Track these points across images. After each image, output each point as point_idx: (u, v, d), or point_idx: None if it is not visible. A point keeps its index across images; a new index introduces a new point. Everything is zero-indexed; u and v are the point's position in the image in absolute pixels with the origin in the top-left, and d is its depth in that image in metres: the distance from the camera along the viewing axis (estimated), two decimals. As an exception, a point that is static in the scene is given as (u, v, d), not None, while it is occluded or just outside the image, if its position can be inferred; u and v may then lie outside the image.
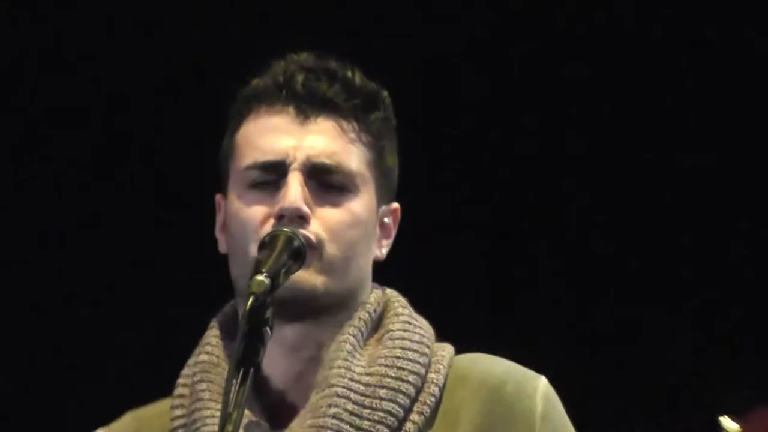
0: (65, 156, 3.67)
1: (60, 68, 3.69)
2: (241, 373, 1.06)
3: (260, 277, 1.09)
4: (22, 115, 3.73)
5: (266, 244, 1.15)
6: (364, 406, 1.17)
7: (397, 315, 1.25)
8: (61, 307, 3.46)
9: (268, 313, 1.09)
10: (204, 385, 1.22)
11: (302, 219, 1.17)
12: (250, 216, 1.20)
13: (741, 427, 1.33)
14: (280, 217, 1.18)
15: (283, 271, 1.12)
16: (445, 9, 3.43)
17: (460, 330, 1.28)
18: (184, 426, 1.22)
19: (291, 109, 1.22)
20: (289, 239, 1.14)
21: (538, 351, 1.73)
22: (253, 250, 1.17)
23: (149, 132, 3.65)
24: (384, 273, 1.31)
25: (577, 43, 3.42)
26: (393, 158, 1.28)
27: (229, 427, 1.02)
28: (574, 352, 3.11)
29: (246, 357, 1.07)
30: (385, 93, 1.28)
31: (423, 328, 1.25)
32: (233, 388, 1.05)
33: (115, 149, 3.64)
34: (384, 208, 1.27)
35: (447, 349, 1.25)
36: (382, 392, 1.18)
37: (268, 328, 1.09)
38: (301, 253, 1.15)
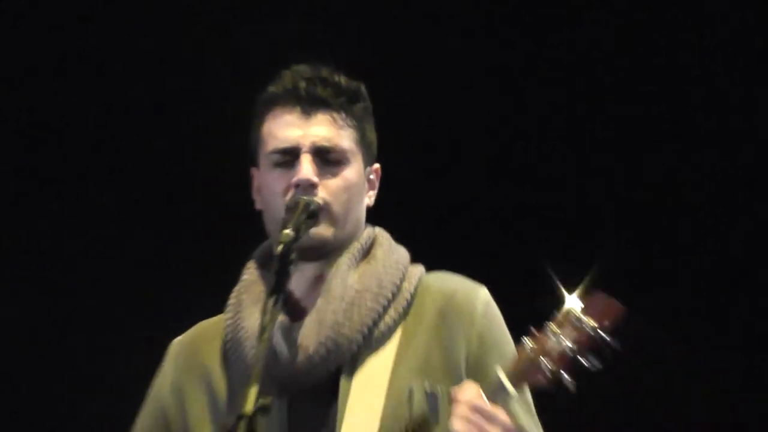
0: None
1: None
2: (273, 297, 1.59)
3: (287, 231, 1.62)
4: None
5: (290, 208, 1.66)
6: (353, 304, 1.70)
7: (380, 245, 1.77)
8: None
9: (293, 256, 1.61)
10: (245, 296, 1.78)
11: (312, 186, 1.69)
12: (276, 187, 1.72)
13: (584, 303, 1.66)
14: (297, 186, 1.69)
15: (303, 226, 1.64)
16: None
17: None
18: (232, 325, 1.76)
19: (298, 109, 1.72)
20: (307, 204, 1.66)
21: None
22: (281, 211, 1.68)
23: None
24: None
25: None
26: (372, 134, 1.78)
27: (267, 328, 1.57)
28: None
29: (278, 285, 1.60)
30: (363, 87, 1.76)
31: (400, 253, 1.78)
32: (269, 306, 1.58)
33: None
34: (368, 168, 1.78)
35: (418, 268, 1.78)
36: (368, 296, 1.71)
37: (291, 267, 1.61)
38: (315, 213, 1.67)
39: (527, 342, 1.59)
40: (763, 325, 3.36)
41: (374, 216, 1.82)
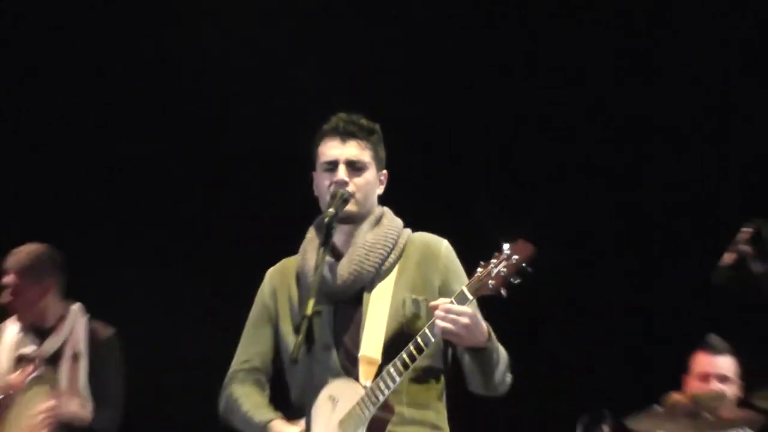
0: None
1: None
2: (323, 247, 2.83)
3: (330, 210, 2.84)
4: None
5: (333, 196, 2.88)
6: (370, 251, 2.90)
7: (386, 217, 2.99)
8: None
9: (334, 224, 2.84)
10: (308, 246, 2.99)
11: (345, 183, 2.89)
12: (325, 183, 2.93)
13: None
14: (336, 183, 2.89)
15: (340, 207, 2.85)
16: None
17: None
18: (301, 262, 2.98)
19: (338, 138, 2.93)
20: (342, 194, 2.87)
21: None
22: (327, 197, 2.91)
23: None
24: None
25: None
26: (382, 152, 2.99)
27: (320, 265, 2.78)
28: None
29: (326, 240, 2.83)
30: (377, 126, 2.97)
31: (397, 222, 3.00)
32: (320, 252, 2.81)
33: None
34: (379, 173, 2.99)
35: (407, 230, 3.00)
36: (378, 246, 2.91)
37: (333, 230, 2.85)
38: (347, 200, 2.88)
39: (480, 270, 2.72)
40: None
41: (383, 201, 3.05)
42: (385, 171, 3.01)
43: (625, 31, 5.45)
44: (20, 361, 4.20)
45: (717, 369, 4.29)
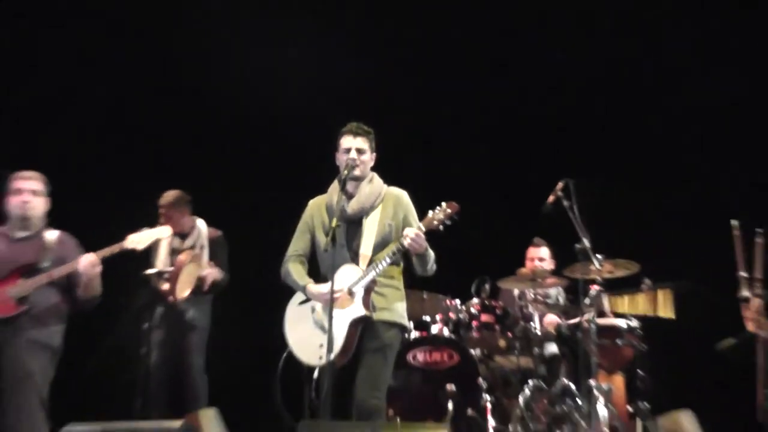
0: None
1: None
2: (340, 192, 5.40)
3: (345, 172, 5.39)
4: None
5: (346, 165, 5.41)
6: (368, 195, 5.43)
7: (375, 178, 5.56)
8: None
9: (348, 180, 5.39)
10: (333, 190, 5.52)
11: (355, 160, 5.41)
12: (343, 158, 5.47)
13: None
14: (350, 159, 5.41)
15: (351, 171, 5.40)
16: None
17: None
18: (328, 198, 5.54)
19: (351, 135, 5.47)
20: (352, 166, 5.40)
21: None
22: (343, 166, 5.44)
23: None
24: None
25: None
26: (373, 143, 5.52)
27: (339, 201, 5.35)
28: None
29: (342, 188, 5.40)
30: (372, 129, 5.51)
31: (380, 181, 5.56)
32: (340, 195, 5.38)
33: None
34: (372, 154, 5.54)
35: (386, 186, 5.54)
36: (372, 195, 5.46)
37: (347, 182, 5.41)
38: (354, 168, 5.41)
39: (429, 215, 5.20)
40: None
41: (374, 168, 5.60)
42: (374, 154, 5.52)
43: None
44: (173, 252, 7.04)
45: (538, 255, 7.66)
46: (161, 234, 6.14)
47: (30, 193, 5.98)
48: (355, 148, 5.39)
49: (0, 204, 6.04)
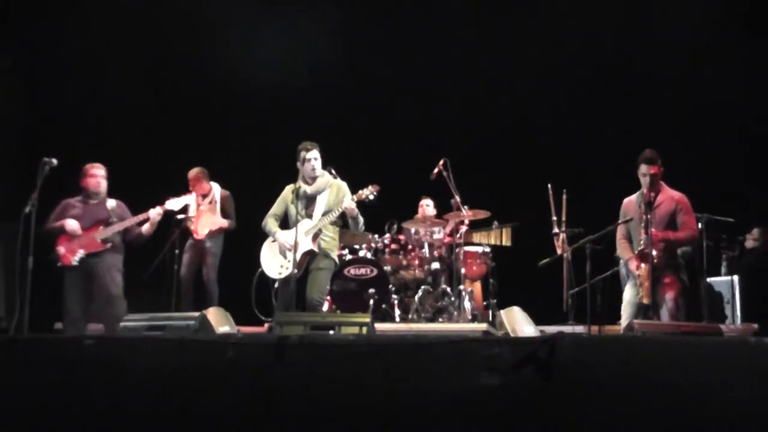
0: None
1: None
2: (301, 185, 9.20)
3: (309, 174, 9.13)
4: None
5: (307, 171, 9.07)
6: (324, 185, 9.01)
7: (325, 174, 9.19)
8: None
9: (308, 178, 9.15)
10: (301, 182, 9.17)
11: (314, 170, 8.94)
12: (306, 168, 9.00)
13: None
14: (311, 168, 9.01)
15: (312, 173, 9.07)
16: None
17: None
18: (297, 186, 9.11)
19: (309, 148, 9.03)
20: (311, 172, 9.01)
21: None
22: (305, 171, 9.09)
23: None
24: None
25: None
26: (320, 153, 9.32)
27: (301, 187, 9.09)
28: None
29: (305, 182, 9.17)
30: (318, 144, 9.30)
31: (329, 176, 9.22)
32: (301, 185, 9.10)
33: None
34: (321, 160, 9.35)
35: (331, 178, 9.24)
36: (322, 183, 8.99)
37: (307, 181, 9.21)
38: (314, 170, 9.07)
39: (359, 192, 8.92)
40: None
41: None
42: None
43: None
44: (198, 206, 10.65)
45: (427, 204, 11.60)
46: (188, 200, 9.86)
47: (102, 177, 9.55)
48: (313, 158, 8.87)
49: (66, 184, 9.59)
